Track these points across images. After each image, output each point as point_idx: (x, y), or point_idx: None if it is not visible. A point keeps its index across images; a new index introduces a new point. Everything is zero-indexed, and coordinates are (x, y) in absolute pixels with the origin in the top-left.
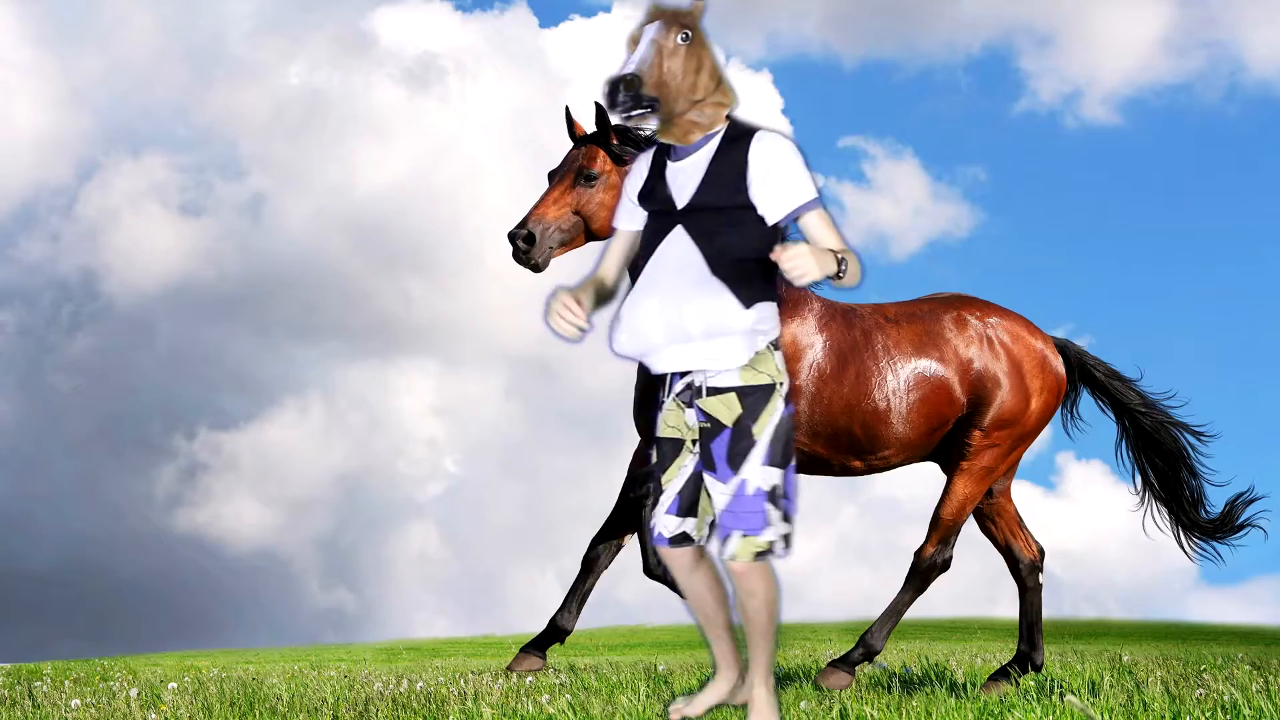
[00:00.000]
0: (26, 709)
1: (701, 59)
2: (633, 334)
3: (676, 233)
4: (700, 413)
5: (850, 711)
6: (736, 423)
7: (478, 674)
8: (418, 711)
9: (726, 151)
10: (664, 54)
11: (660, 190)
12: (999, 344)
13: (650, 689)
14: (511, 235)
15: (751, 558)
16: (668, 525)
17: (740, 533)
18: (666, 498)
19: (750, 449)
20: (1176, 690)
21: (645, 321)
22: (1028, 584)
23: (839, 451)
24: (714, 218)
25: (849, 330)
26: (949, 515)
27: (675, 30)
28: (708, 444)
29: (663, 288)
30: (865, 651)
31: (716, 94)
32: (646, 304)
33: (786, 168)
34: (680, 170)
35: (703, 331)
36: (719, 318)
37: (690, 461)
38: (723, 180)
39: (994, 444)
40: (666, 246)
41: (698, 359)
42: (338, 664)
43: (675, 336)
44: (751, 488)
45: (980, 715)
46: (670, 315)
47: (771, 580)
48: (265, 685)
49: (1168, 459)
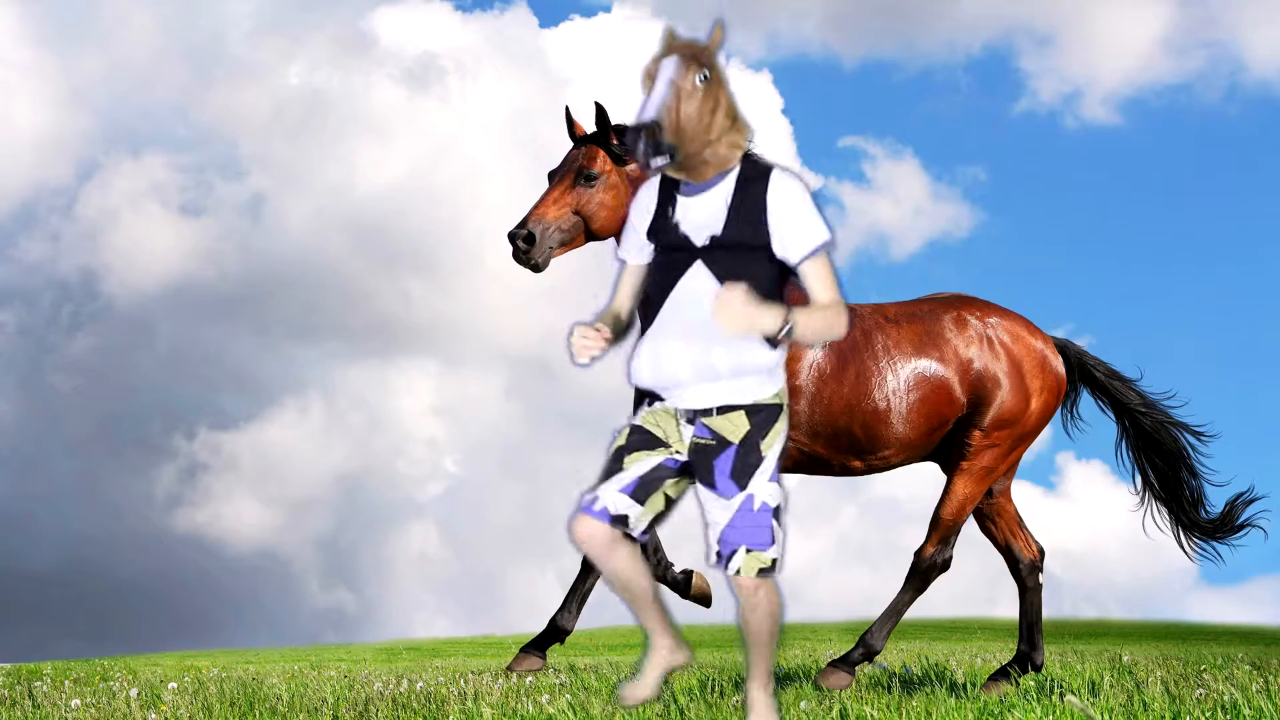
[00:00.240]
0: (26, 709)
1: (719, 98)
2: (657, 370)
3: (697, 270)
4: (704, 429)
5: (850, 711)
6: (744, 440)
7: (478, 674)
8: (418, 711)
9: (745, 190)
10: (682, 96)
11: (673, 226)
12: (999, 344)
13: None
14: (511, 235)
15: (756, 573)
16: (616, 503)
17: (746, 548)
18: (625, 477)
19: (759, 464)
20: (1176, 690)
21: (671, 360)
22: (1028, 584)
23: (839, 451)
24: (734, 256)
25: (849, 330)
26: (949, 515)
27: (693, 70)
28: (708, 460)
29: (687, 326)
30: (865, 651)
31: (732, 132)
32: (671, 342)
33: (804, 209)
34: (694, 206)
35: (731, 371)
36: (748, 357)
37: (658, 459)
38: (744, 220)
39: (994, 444)
40: (688, 284)
41: (725, 396)
42: (338, 664)
43: (703, 375)
44: (758, 503)
45: (980, 715)
46: (698, 354)
47: (775, 594)
48: (265, 685)
49: (1168, 459)
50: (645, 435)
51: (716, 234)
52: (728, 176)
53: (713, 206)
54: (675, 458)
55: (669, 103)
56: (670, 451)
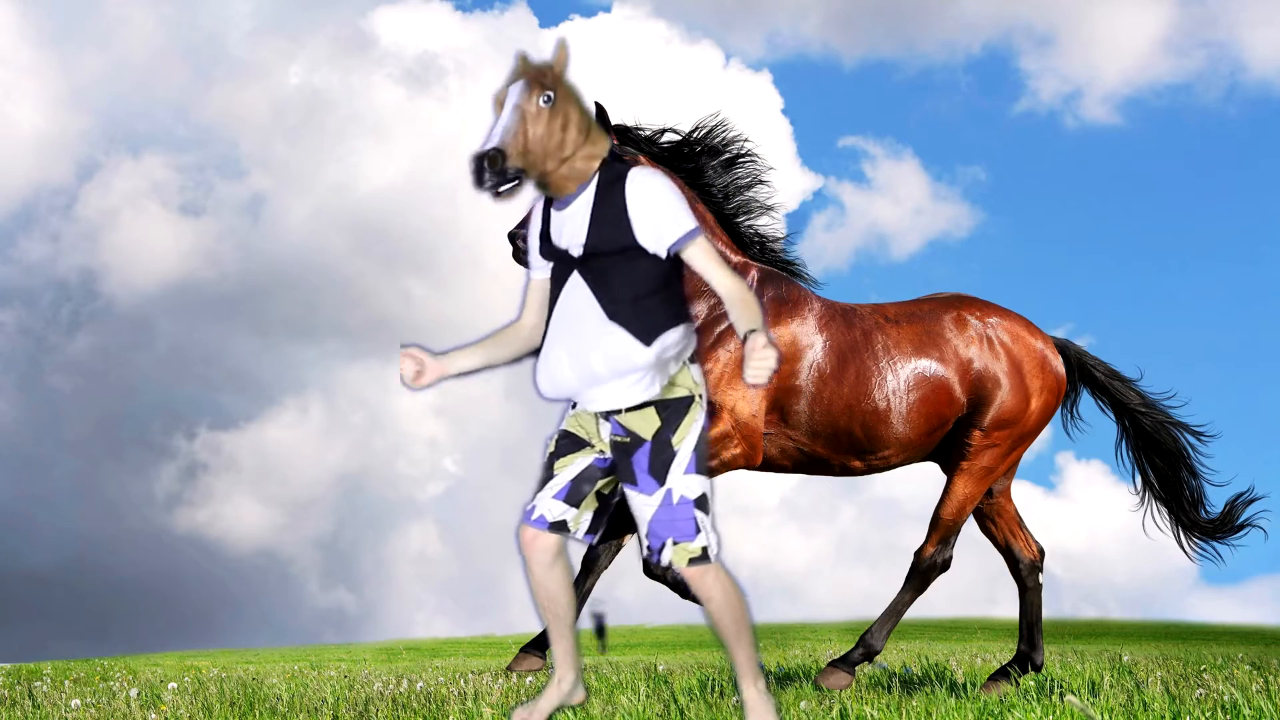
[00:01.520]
0: (26, 709)
1: (568, 116)
2: (552, 380)
3: (574, 280)
4: (618, 427)
5: (850, 711)
6: (656, 435)
7: (478, 674)
8: (418, 711)
9: (605, 196)
10: (528, 119)
11: (551, 241)
12: (999, 344)
13: (650, 689)
14: (511, 235)
15: (686, 563)
16: (552, 509)
17: (672, 540)
18: (557, 483)
19: (673, 459)
20: (1176, 690)
21: (559, 369)
22: (1028, 584)
23: (839, 451)
24: (605, 262)
25: (849, 330)
26: (949, 515)
27: (537, 93)
28: (626, 457)
29: (569, 335)
30: (865, 651)
31: (586, 146)
32: (557, 352)
33: (662, 203)
34: (565, 219)
35: (610, 373)
36: (622, 358)
37: (588, 459)
38: (606, 225)
39: (994, 444)
40: (567, 294)
41: (613, 399)
42: (338, 664)
43: (586, 381)
44: (677, 496)
45: (980, 715)
46: (579, 361)
47: (727, 582)
48: (265, 685)
49: (1168, 459)
50: (571, 439)
51: (586, 243)
52: (588, 187)
53: (579, 218)
54: (602, 456)
55: (513, 127)
56: (595, 451)
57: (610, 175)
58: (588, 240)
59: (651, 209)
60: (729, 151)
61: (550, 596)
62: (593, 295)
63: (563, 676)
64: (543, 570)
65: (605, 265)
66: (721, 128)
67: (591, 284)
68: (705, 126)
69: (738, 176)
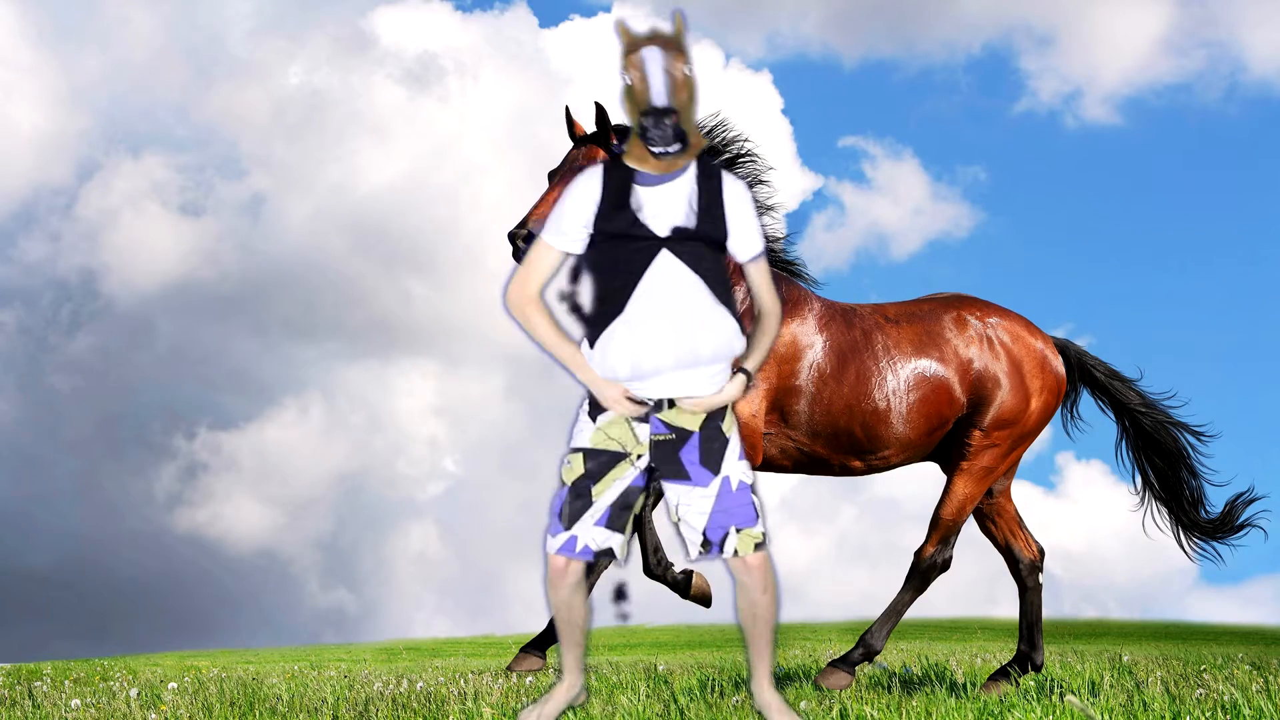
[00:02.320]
0: (26, 709)
1: (694, 90)
2: (637, 360)
3: (665, 259)
4: (661, 425)
5: (850, 711)
6: (705, 425)
7: (478, 674)
8: (418, 711)
9: (705, 185)
10: (678, 86)
11: (630, 215)
12: (999, 344)
13: (650, 689)
14: (511, 235)
15: (753, 549)
16: (595, 538)
17: (735, 527)
18: (597, 509)
19: (726, 446)
20: (1176, 690)
21: (653, 348)
22: (1028, 584)
23: (839, 451)
24: (700, 247)
25: (849, 330)
26: (949, 515)
27: (681, 60)
28: (674, 453)
29: (666, 314)
30: (865, 651)
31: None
32: (652, 331)
33: (753, 214)
34: (655, 196)
35: (712, 355)
36: (725, 344)
37: (628, 475)
38: (710, 214)
39: (994, 444)
40: (660, 273)
41: (697, 385)
42: (338, 664)
43: (685, 362)
44: (735, 482)
45: (980, 715)
46: (683, 340)
47: (776, 574)
48: (265, 685)
49: (1168, 459)
50: (601, 456)
51: (684, 225)
52: (688, 170)
53: (678, 198)
54: (639, 470)
55: (673, 90)
56: (632, 462)
57: (706, 166)
58: (696, 224)
59: (746, 216)
60: (729, 151)
61: (569, 612)
62: (695, 275)
63: (572, 682)
64: (569, 592)
65: (700, 251)
66: (721, 128)
67: (689, 264)
68: (705, 126)
69: (738, 176)
